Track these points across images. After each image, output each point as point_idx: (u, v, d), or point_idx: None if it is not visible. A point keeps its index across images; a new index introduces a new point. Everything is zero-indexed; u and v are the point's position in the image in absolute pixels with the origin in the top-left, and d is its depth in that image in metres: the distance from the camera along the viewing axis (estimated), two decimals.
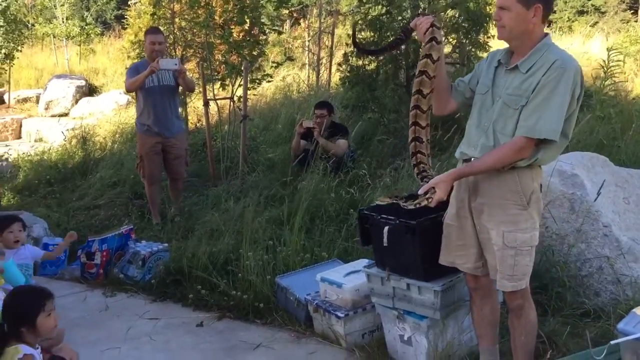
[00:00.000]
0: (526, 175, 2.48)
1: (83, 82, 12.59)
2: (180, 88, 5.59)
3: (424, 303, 2.91)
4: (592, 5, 20.94)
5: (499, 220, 2.50)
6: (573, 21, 19.52)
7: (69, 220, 5.55)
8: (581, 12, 20.98)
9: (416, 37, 2.69)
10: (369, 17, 6.55)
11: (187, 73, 5.76)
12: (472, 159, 2.56)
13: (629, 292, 3.34)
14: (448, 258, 2.73)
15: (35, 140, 10.26)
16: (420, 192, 2.58)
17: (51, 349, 2.72)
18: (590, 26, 15.68)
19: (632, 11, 20.43)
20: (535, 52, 2.43)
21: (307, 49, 11.75)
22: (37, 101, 12.45)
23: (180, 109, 6.14)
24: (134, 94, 5.58)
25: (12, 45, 12.23)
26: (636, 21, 17.72)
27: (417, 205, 2.61)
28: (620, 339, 2.41)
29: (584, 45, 10.45)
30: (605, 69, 5.78)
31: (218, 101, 6.94)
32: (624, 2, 20.37)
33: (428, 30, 2.55)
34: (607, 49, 6.00)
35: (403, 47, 6.28)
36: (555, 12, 20.48)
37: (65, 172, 7.06)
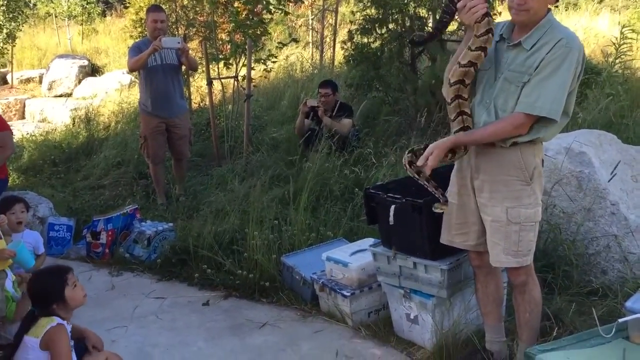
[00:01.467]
0: (528, 151, 2.47)
1: (86, 62, 12.52)
2: (184, 67, 5.54)
3: (430, 282, 2.91)
4: None
5: (502, 196, 2.48)
6: None
7: (74, 200, 5.56)
8: None
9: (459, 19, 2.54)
10: None
11: (190, 52, 5.71)
12: None
13: (637, 270, 3.32)
14: (447, 237, 2.73)
15: (39, 121, 10.23)
16: (419, 163, 2.51)
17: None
18: (597, 2, 15.46)
19: None
20: (538, 28, 2.40)
21: (310, 27, 11.64)
22: (40, 81, 12.40)
23: (183, 89, 6.10)
24: (137, 73, 5.55)
25: (14, 24, 12.14)
26: None
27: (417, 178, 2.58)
28: (628, 317, 2.40)
29: (592, 22, 10.31)
30: (617, 46, 5.68)
31: (222, 80, 6.90)
32: None
33: (484, 20, 2.38)
34: (621, 25, 5.89)
35: (408, 23, 6.22)
36: None
37: (69, 152, 7.06)
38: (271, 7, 6.68)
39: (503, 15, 5.87)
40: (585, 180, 3.57)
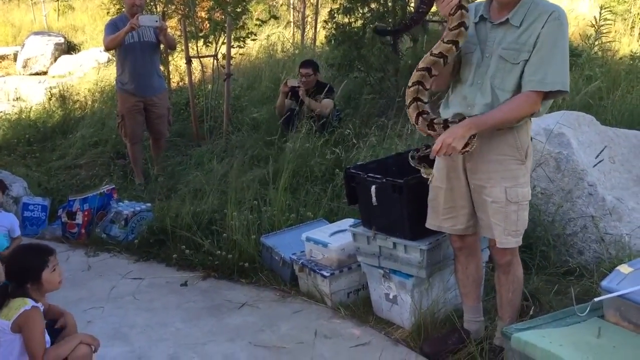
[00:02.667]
0: (523, 130, 2.48)
1: (62, 40, 12.25)
2: (162, 45, 5.44)
3: (409, 262, 2.91)
4: None
5: (500, 176, 2.47)
6: None
7: (49, 180, 5.46)
8: None
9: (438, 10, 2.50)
10: None
11: (169, 30, 5.60)
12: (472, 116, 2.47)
13: (612, 251, 3.36)
14: (435, 222, 2.70)
15: (14, 99, 10.01)
16: (432, 155, 2.49)
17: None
18: None
19: None
20: (522, 5, 2.39)
21: (291, 6, 11.51)
22: (15, 59, 12.11)
23: (161, 67, 5.99)
24: (114, 51, 5.45)
25: None
26: None
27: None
28: (604, 297, 2.43)
29: (572, 4, 10.34)
30: (596, 27, 5.70)
31: (201, 59, 6.79)
32: None
33: (457, 12, 2.35)
34: (600, 7, 5.91)
35: (390, 4, 6.16)
36: None
37: (44, 131, 6.92)
38: None
39: None
40: (563, 161, 3.59)
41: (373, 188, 2.88)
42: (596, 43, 5.73)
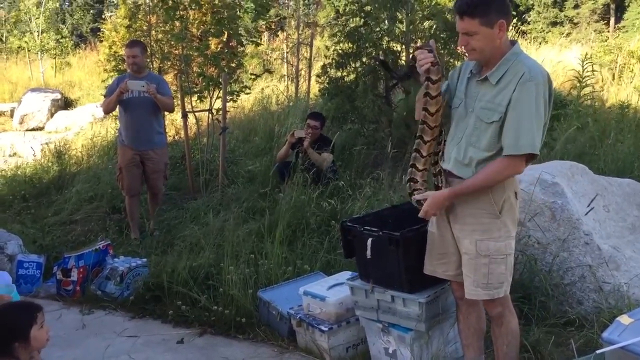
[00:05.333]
0: (497, 185, 2.49)
1: (59, 96, 12.41)
2: None
3: (408, 315, 2.88)
4: (565, 16, 21.37)
5: (471, 229, 2.51)
6: (547, 32, 19.89)
7: (45, 236, 5.43)
8: (554, 24, 21.39)
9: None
10: (347, 28, 6.57)
11: (169, 85, 5.68)
12: (447, 170, 2.60)
13: (611, 300, 3.34)
14: (430, 267, 2.73)
15: (10, 155, 10.05)
16: (420, 215, 2.62)
17: None
18: (564, 37, 15.96)
19: (603, 22, 20.89)
20: (504, 62, 2.44)
21: (285, 60, 11.75)
22: (12, 115, 12.24)
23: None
24: None
25: None
26: (608, 31, 18.15)
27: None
28: (605, 349, 2.41)
29: (560, 56, 10.61)
30: (580, 78, 5.85)
31: (196, 113, 6.89)
32: (595, 13, 20.85)
33: (434, 67, 2.50)
34: (582, 60, 6.08)
35: (382, 57, 6.32)
36: (529, 23, 20.87)
37: (40, 187, 6.91)
38: (242, 38, 6.75)
39: None
40: (558, 210, 3.61)
41: (369, 241, 2.88)
42: (582, 93, 5.87)
